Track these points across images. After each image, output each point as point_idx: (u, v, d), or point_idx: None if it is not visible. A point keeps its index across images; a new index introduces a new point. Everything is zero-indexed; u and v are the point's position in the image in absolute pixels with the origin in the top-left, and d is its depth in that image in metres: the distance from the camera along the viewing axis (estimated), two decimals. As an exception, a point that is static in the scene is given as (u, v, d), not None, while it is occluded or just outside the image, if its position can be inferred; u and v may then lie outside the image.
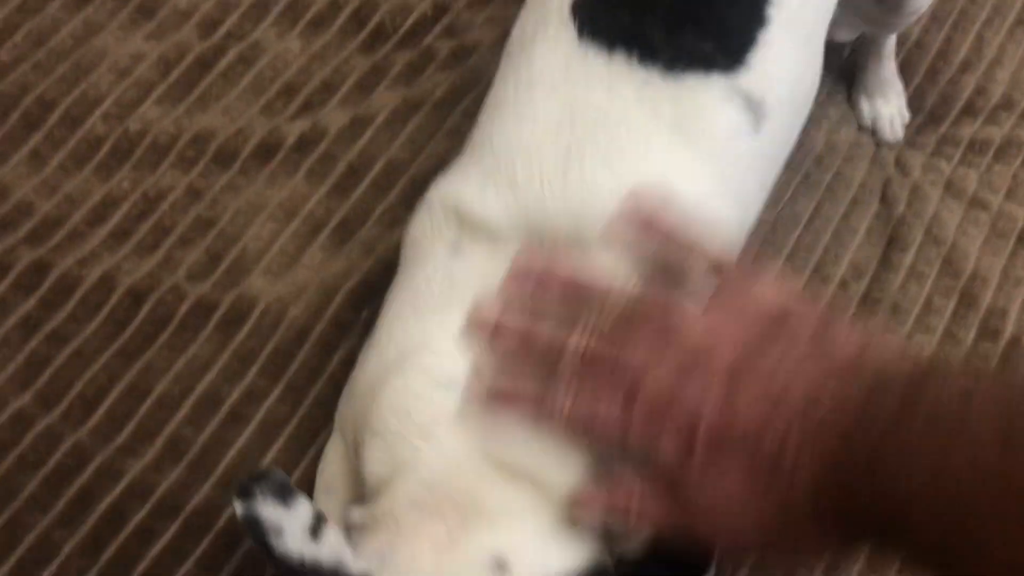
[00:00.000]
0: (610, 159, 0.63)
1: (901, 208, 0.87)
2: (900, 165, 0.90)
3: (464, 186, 0.65)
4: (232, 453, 0.77)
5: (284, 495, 0.58)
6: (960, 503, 0.40)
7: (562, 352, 0.52)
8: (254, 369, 0.80)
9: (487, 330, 0.55)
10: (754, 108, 0.66)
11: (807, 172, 0.89)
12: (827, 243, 0.86)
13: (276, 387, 0.80)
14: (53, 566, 0.71)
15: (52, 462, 0.74)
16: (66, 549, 0.72)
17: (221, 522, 0.74)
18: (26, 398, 0.77)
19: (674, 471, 0.49)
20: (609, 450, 0.53)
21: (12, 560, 0.71)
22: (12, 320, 0.79)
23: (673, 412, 0.48)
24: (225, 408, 0.78)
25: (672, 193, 0.61)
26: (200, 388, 0.79)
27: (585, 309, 0.53)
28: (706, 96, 0.65)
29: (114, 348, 0.79)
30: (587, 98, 0.64)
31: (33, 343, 0.78)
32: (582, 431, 0.52)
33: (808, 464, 0.45)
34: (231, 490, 0.73)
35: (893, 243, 0.86)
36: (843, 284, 0.85)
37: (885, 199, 0.88)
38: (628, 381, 0.50)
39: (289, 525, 0.57)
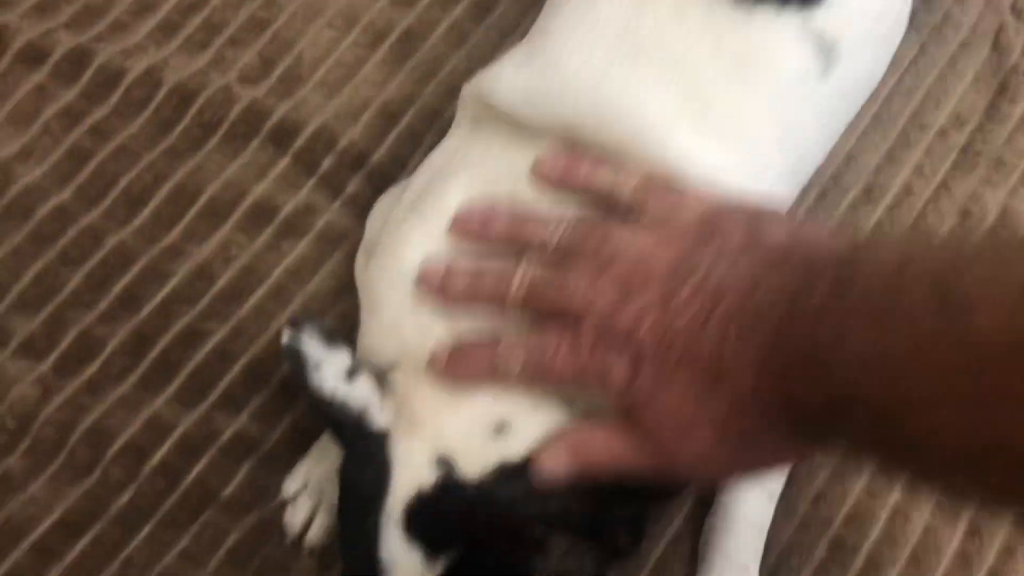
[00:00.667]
0: (657, 81, 0.58)
1: (1015, 56, 0.80)
2: (1016, 11, 0.82)
3: (500, 74, 0.62)
4: (286, 263, 0.73)
5: (329, 339, 0.58)
6: (900, 378, 0.38)
7: (507, 290, 0.53)
8: (310, 183, 0.76)
9: (435, 281, 0.56)
10: (825, 51, 0.61)
11: (913, 11, 0.81)
12: (930, 87, 0.79)
13: (334, 203, 0.75)
14: (96, 363, 0.69)
15: (95, 259, 0.71)
16: (110, 347, 0.69)
17: (271, 330, 0.71)
18: (67, 193, 0.72)
19: (625, 399, 0.49)
20: (569, 390, 0.53)
21: (55, 354, 0.68)
22: (52, 110, 0.74)
23: (616, 339, 0.48)
24: (280, 218, 0.74)
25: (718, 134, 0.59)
26: (252, 196, 0.74)
27: (526, 245, 0.54)
28: (774, 35, 0.60)
29: (160, 147, 0.74)
30: (654, 13, 0.60)
31: (74, 136, 0.73)
32: (539, 377, 0.52)
33: (749, 362, 0.44)
34: (284, 300, 0.72)
35: (1003, 92, 0.79)
36: (943, 133, 0.79)
37: (997, 46, 0.81)
38: (572, 315, 0.50)
39: (328, 363, 0.57)
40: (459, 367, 0.55)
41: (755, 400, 0.44)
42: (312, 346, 0.57)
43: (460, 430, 0.55)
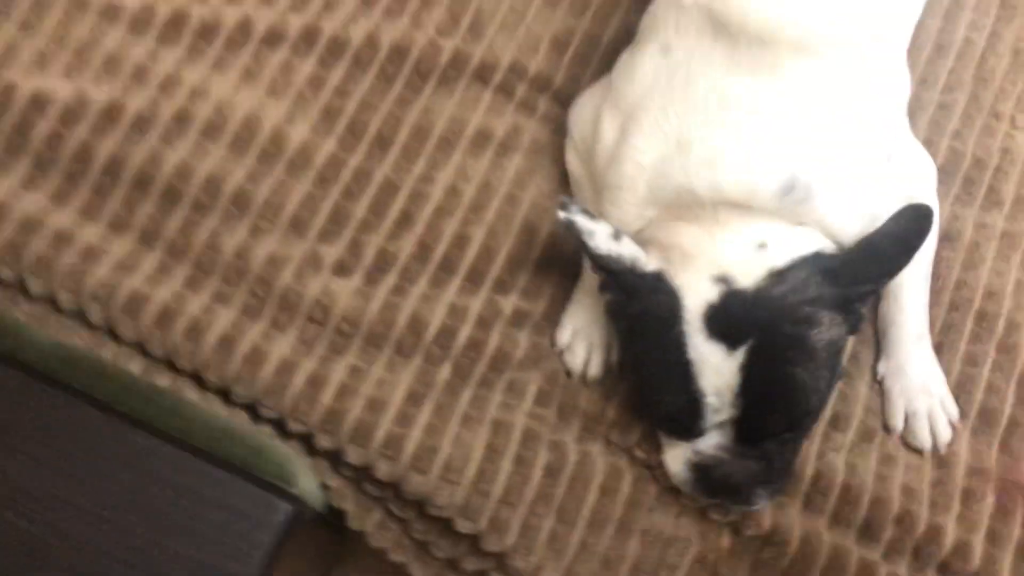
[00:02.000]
0: None
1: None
2: None
3: None
4: (510, 175, 0.89)
5: (590, 214, 0.76)
6: None
7: None
8: (511, 108, 0.92)
9: None
10: None
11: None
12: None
13: (533, 122, 0.92)
14: (395, 271, 0.84)
15: (371, 192, 0.86)
16: (402, 257, 0.85)
17: (515, 228, 0.87)
18: (332, 143, 0.87)
19: None
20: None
21: (361, 270, 0.84)
22: (300, 78, 0.88)
23: None
24: (496, 141, 0.90)
25: None
26: (472, 126, 0.90)
27: None
28: None
29: (391, 97, 0.90)
30: None
31: (324, 97, 0.88)
32: None
33: None
34: (517, 204, 0.88)
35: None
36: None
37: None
38: None
39: (598, 230, 0.75)
40: None
41: None
42: (581, 218, 0.75)
43: (730, 253, 0.74)
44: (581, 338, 0.85)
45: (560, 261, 0.88)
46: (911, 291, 0.88)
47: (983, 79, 0.99)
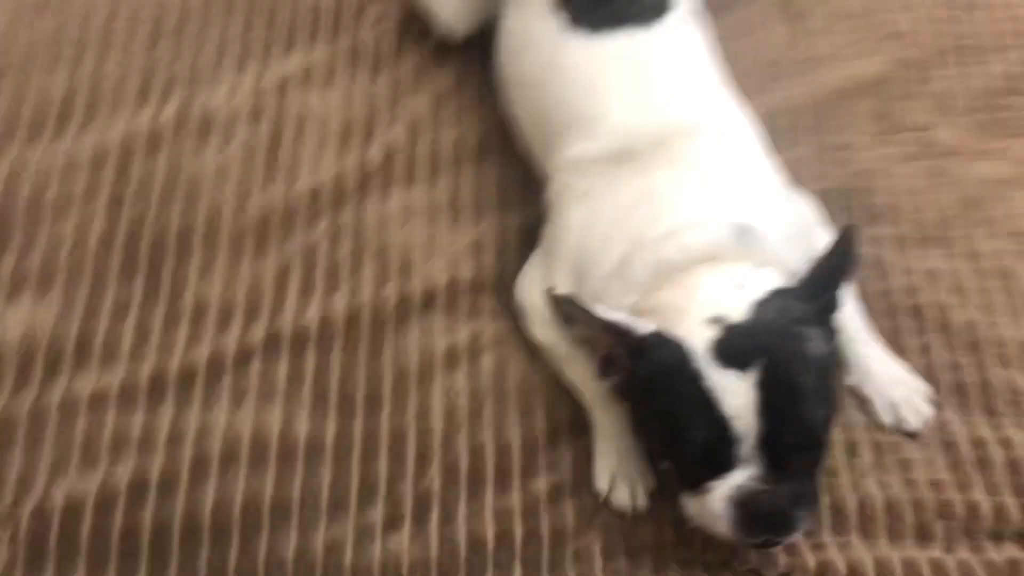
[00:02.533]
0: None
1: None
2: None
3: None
4: (489, 374, 0.99)
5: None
6: None
7: None
8: (463, 319, 1.03)
9: None
10: None
11: None
12: None
13: (484, 321, 1.03)
14: (436, 507, 0.92)
15: (384, 446, 0.95)
16: (435, 490, 0.93)
17: (511, 425, 0.96)
18: (332, 422, 0.96)
19: None
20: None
21: (407, 522, 0.91)
22: (280, 380, 0.98)
23: None
24: (465, 351, 1.01)
25: None
26: (440, 349, 1.01)
27: None
28: None
29: (363, 357, 1.00)
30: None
31: (308, 386, 0.98)
32: None
33: None
34: (504, 396, 0.98)
35: None
36: None
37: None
38: None
39: (593, 306, 0.87)
40: None
41: None
42: (579, 302, 0.88)
43: (715, 298, 0.85)
44: (620, 476, 0.94)
45: (564, 427, 0.98)
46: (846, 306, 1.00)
47: (819, 127, 1.16)
